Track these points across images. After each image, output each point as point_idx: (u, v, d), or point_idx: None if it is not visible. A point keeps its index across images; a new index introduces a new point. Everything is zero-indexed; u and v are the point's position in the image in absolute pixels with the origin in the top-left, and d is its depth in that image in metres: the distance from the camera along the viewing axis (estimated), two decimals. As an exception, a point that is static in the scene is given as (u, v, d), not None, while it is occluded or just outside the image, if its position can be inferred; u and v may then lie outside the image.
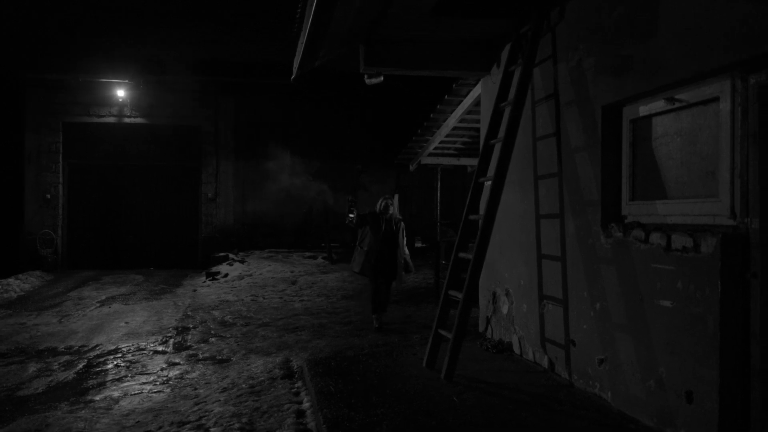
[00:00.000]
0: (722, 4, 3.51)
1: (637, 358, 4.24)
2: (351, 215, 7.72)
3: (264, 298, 10.40)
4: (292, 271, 12.97)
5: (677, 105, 4.12)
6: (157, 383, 5.66)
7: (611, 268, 4.55)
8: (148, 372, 6.05)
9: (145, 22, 12.87)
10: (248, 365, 6.13)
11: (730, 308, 3.50)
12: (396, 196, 9.11)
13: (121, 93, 15.34)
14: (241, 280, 12.44)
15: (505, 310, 6.37)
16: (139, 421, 4.66)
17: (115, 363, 6.41)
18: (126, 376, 5.92)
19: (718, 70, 3.62)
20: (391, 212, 7.96)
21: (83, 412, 4.92)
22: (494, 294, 6.65)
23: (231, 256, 14.65)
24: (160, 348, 7.03)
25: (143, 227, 16.10)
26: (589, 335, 4.85)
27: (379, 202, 8.02)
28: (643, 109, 4.48)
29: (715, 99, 3.78)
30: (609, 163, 4.76)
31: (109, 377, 5.91)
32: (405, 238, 8.13)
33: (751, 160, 3.48)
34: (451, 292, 5.60)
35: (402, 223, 8.14)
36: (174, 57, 15.03)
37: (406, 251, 8.07)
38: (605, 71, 4.68)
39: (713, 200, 3.79)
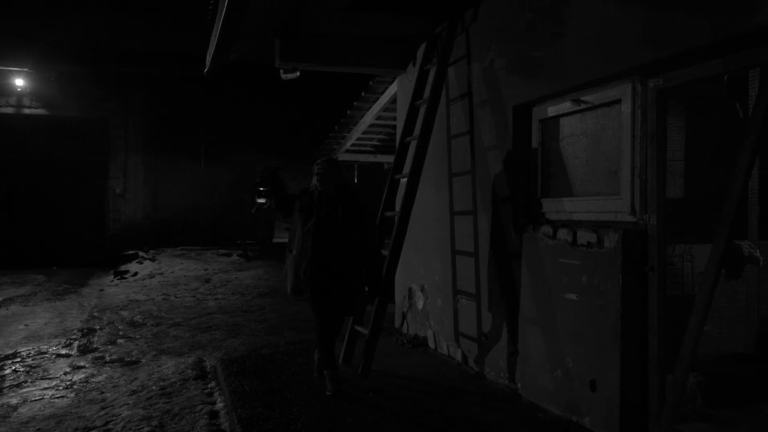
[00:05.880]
0: (623, 11, 3.69)
1: (545, 349, 4.40)
2: (260, 199, 4.94)
3: (176, 297, 10.08)
4: (205, 269, 12.63)
5: (583, 106, 4.31)
6: (60, 388, 5.38)
7: (521, 263, 4.70)
8: (51, 377, 5.74)
9: (46, 4, 12.12)
10: (159, 366, 5.92)
11: (630, 300, 3.69)
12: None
13: (19, 82, 14.39)
14: (152, 278, 12.00)
15: (420, 305, 6.47)
16: (40, 429, 4.41)
17: (13, 368, 6.03)
18: (26, 382, 5.59)
19: (621, 73, 3.80)
20: (331, 186, 4.70)
21: (-23, 421, 4.62)
22: (410, 290, 6.73)
23: (141, 253, 14.11)
24: (63, 351, 6.68)
25: (45, 224, 15.19)
26: (501, 329, 5.00)
27: (315, 168, 4.78)
28: (552, 110, 4.65)
29: (618, 101, 3.97)
30: (520, 161, 4.92)
31: (7, 383, 5.56)
32: (374, 233, 4.84)
33: (649, 160, 3.68)
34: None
35: (361, 201, 4.78)
36: (78, 44, 14.23)
37: (380, 251, 5.07)
38: (516, 72, 4.82)
39: (615, 198, 3.98)
